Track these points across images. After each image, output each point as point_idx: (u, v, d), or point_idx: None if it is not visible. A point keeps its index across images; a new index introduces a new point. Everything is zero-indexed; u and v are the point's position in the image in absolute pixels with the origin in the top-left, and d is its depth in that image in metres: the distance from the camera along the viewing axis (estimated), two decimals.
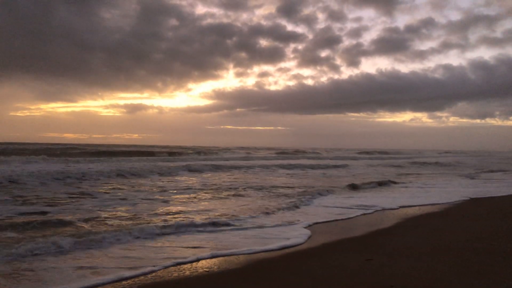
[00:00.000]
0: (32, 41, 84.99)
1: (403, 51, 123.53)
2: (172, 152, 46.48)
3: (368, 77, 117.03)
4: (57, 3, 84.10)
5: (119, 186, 14.74)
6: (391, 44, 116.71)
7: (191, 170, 22.99)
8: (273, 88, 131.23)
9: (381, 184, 18.19)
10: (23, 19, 76.73)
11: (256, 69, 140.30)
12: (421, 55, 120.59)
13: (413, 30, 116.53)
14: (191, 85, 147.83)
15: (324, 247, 6.98)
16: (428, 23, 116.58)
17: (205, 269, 5.58)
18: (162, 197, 12.23)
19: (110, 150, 44.42)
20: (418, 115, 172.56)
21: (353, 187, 16.39)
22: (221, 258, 6.13)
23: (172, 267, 5.61)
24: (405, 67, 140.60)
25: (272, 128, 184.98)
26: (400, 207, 11.55)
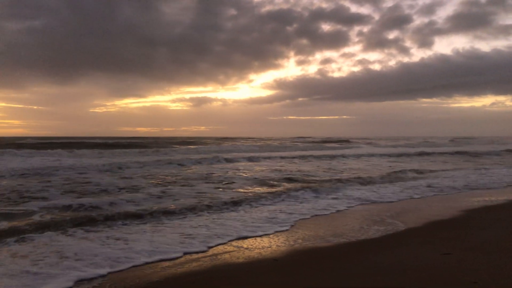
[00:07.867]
0: (99, 40, 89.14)
1: (485, 27, 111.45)
2: None
3: (442, 59, 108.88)
4: (119, 0, 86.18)
5: None
6: (470, 19, 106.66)
7: None
8: (336, 75, 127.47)
9: None
10: (89, 19, 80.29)
11: (318, 55, 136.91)
12: (506, 30, 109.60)
13: (497, 2, 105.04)
14: (252, 76, 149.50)
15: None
16: None
17: None
18: None
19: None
20: (501, 98, 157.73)
21: None
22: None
23: None
24: (487, 45, 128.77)
25: (337, 117, 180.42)
26: None
